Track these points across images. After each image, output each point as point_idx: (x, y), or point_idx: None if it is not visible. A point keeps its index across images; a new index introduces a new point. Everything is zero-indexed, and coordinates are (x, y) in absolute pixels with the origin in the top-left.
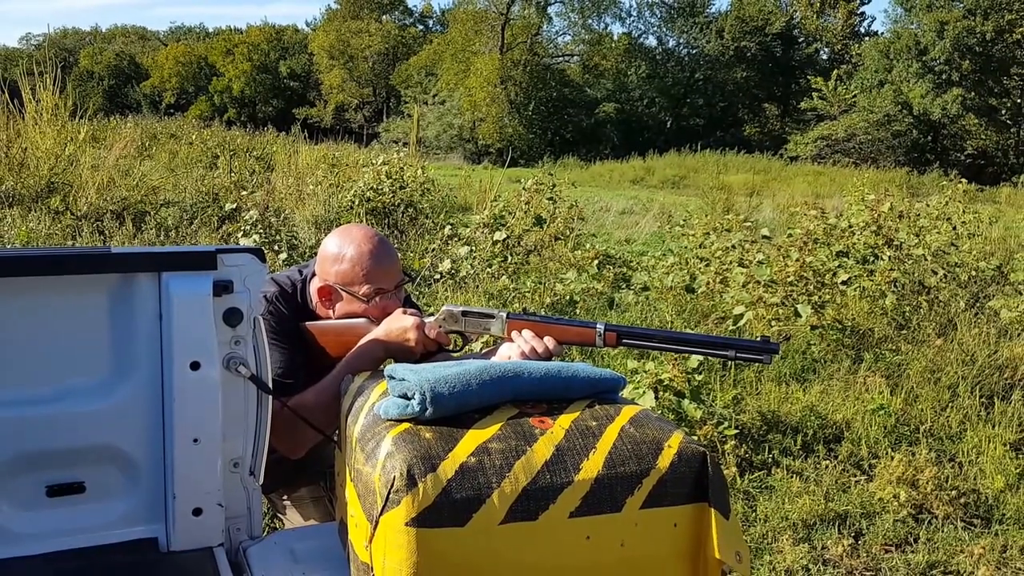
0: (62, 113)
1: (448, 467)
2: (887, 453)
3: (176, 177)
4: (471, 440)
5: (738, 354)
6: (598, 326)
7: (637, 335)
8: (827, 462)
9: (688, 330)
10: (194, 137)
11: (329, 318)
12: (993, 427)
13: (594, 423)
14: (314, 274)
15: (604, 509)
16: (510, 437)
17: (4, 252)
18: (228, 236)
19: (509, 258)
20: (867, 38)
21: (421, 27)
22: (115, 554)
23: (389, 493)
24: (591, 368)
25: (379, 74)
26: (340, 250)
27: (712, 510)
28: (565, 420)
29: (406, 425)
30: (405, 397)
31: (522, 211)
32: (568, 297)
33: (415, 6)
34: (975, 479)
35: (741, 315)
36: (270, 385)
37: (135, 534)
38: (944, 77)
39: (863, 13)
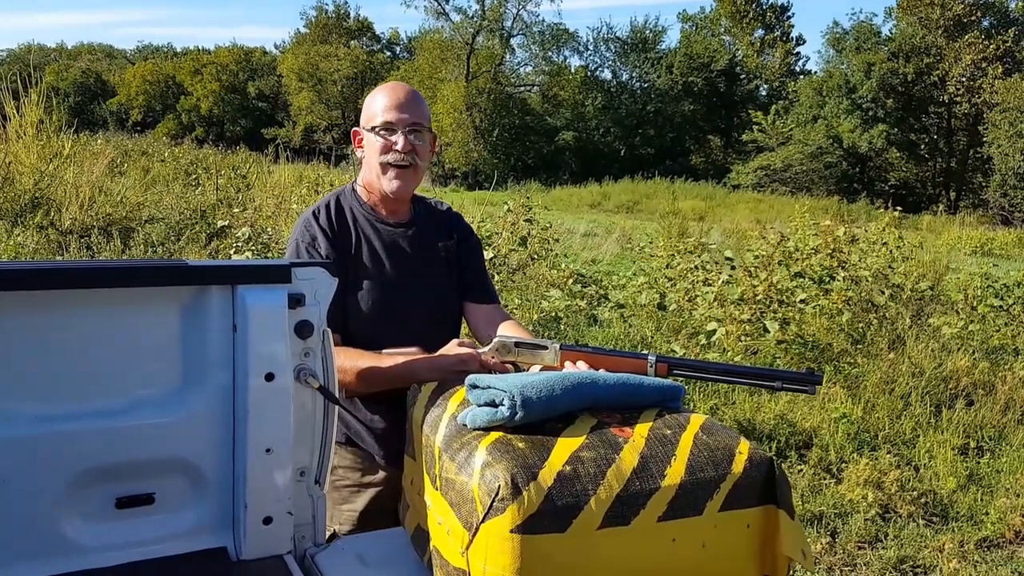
0: (47, 128)
1: (547, 475)
2: (852, 458)
3: (156, 194)
4: (562, 449)
5: (784, 384)
6: (649, 357)
7: (688, 366)
8: (800, 467)
9: (665, 342)
10: (166, 155)
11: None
12: (942, 433)
13: (668, 432)
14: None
15: (688, 513)
16: (598, 446)
17: (79, 263)
18: (217, 252)
19: (495, 277)
20: (802, 76)
21: (389, 53)
22: (185, 564)
23: (493, 501)
24: (651, 378)
25: (348, 97)
26: (368, 97)
27: (780, 511)
28: (643, 429)
29: (496, 435)
30: (491, 404)
31: (508, 232)
32: (553, 314)
33: (383, 33)
34: (930, 481)
35: (713, 331)
36: (337, 395)
37: (204, 544)
38: (871, 114)
39: (799, 53)
